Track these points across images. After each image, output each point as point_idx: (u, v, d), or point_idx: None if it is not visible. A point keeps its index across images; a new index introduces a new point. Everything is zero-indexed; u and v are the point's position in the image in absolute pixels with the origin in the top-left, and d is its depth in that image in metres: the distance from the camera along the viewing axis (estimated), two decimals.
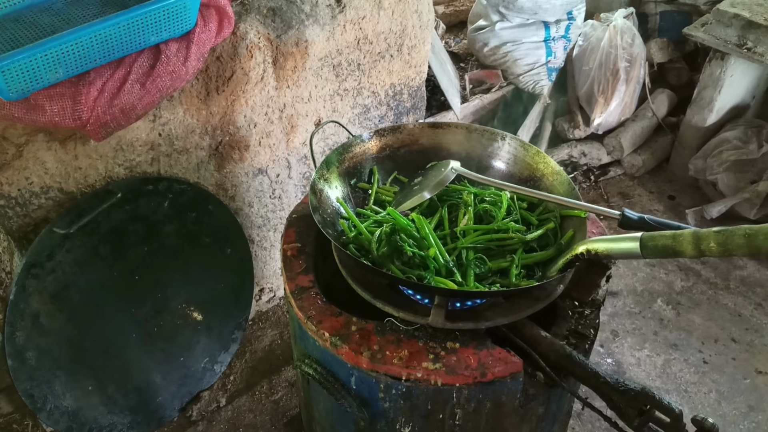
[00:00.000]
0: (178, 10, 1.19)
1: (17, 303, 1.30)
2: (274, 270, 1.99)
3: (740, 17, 2.18)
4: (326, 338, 1.01)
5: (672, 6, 2.76)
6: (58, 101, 1.14)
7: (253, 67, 1.51)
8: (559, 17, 2.50)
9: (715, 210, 2.33)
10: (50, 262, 1.33)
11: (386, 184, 1.30)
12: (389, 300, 1.04)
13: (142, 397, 1.62)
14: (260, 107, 1.60)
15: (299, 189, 1.88)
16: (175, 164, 1.53)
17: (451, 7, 3.00)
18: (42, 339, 1.36)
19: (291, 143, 1.76)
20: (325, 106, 1.78)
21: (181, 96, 1.43)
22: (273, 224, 1.88)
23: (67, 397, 1.43)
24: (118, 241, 1.45)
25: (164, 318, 1.61)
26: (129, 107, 1.23)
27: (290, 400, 1.78)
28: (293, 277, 1.12)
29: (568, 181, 1.19)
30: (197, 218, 1.59)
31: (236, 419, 1.74)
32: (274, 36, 1.52)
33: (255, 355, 1.92)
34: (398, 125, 1.33)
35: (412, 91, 2.05)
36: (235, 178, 1.68)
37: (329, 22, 1.62)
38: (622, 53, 2.48)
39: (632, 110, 2.64)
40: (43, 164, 1.32)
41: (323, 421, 1.24)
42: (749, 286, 2.16)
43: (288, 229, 1.23)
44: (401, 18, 1.81)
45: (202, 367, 1.75)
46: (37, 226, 1.38)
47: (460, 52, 2.81)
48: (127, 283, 1.50)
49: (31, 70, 1.06)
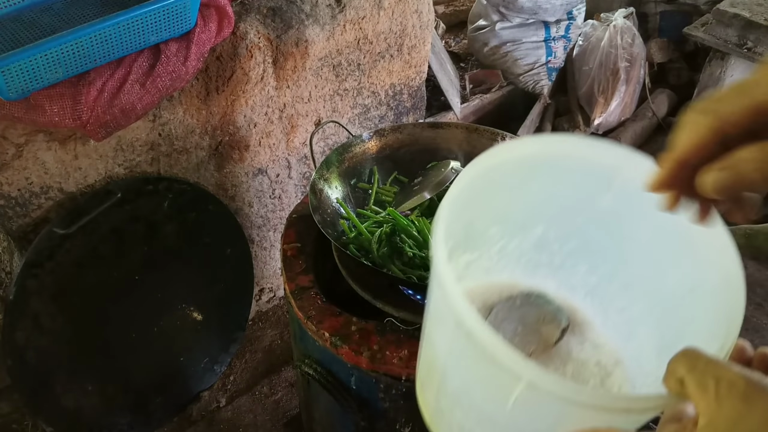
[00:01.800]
0: (178, 10, 1.19)
1: (17, 303, 1.30)
2: (274, 270, 1.99)
3: (740, 17, 2.18)
4: (326, 338, 1.01)
5: (672, 6, 2.77)
6: (58, 101, 1.14)
7: (253, 67, 1.51)
8: (559, 17, 2.50)
9: None
10: (50, 262, 1.33)
11: (386, 185, 1.30)
12: (389, 300, 1.04)
13: (142, 397, 1.62)
14: (260, 107, 1.60)
15: (299, 189, 1.88)
16: (175, 164, 1.53)
17: (451, 7, 3.00)
18: (42, 339, 1.36)
19: (291, 143, 1.76)
20: (325, 106, 1.78)
21: (181, 96, 1.43)
22: (273, 224, 1.88)
23: (67, 397, 1.43)
24: (118, 241, 1.45)
25: (164, 318, 1.61)
26: (129, 107, 1.23)
27: (290, 400, 1.78)
28: (293, 277, 1.12)
29: None
30: (197, 218, 1.59)
31: (236, 419, 1.74)
32: (274, 36, 1.52)
33: (255, 355, 1.92)
34: (398, 125, 1.33)
35: (412, 91, 2.05)
36: (235, 178, 1.68)
37: (329, 22, 1.62)
38: (622, 53, 2.48)
39: (632, 110, 2.64)
40: (43, 164, 1.32)
41: (323, 421, 1.24)
42: (749, 286, 2.15)
43: (288, 229, 1.23)
44: (401, 18, 1.81)
45: (202, 367, 1.75)
46: (37, 226, 1.38)
47: (460, 52, 2.82)
48: (127, 283, 1.50)
49: (31, 70, 1.06)
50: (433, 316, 0.51)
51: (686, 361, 0.39)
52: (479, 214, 0.56)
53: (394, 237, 1.08)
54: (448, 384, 0.52)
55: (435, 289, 0.48)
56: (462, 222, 0.54)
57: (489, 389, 0.47)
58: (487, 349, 0.40)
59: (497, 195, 0.57)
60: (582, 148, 0.54)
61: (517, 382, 0.40)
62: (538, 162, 0.55)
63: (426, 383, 0.57)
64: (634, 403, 0.40)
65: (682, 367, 0.39)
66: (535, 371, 0.39)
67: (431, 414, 0.57)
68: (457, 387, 0.51)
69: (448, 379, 0.51)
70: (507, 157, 0.53)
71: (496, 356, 0.40)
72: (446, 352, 0.49)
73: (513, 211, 0.60)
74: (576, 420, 0.43)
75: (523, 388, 0.41)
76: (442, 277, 0.43)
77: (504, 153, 0.53)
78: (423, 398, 0.58)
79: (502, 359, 0.40)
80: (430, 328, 0.53)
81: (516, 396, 0.42)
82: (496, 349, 0.40)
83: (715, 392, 0.37)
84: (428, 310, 0.53)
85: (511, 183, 0.57)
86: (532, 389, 0.40)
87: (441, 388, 0.53)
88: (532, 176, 0.55)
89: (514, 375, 0.40)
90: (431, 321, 0.52)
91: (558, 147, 0.54)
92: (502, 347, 0.39)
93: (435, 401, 0.55)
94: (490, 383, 0.46)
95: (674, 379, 0.39)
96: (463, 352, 0.46)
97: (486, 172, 0.52)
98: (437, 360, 0.52)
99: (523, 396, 0.42)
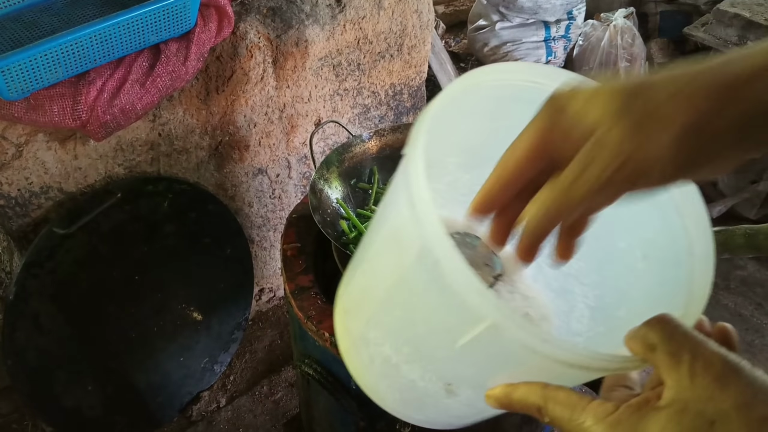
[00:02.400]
0: (178, 10, 1.19)
1: (17, 303, 1.30)
2: (274, 270, 1.98)
3: (740, 17, 2.18)
4: (326, 338, 1.01)
5: (672, 6, 2.77)
6: (58, 101, 1.14)
7: (253, 67, 1.51)
8: (559, 17, 2.50)
9: (715, 210, 2.33)
10: (50, 262, 1.33)
11: (386, 185, 1.30)
12: None
13: (142, 397, 1.62)
14: (260, 107, 1.60)
15: (299, 189, 1.88)
16: (175, 164, 1.53)
17: (451, 7, 3.00)
18: (42, 339, 1.36)
19: (291, 143, 1.76)
20: (325, 106, 1.78)
21: (181, 96, 1.43)
22: (273, 224, 1.88)
23: (67, 397, 1.43)
24: (118, 241, 1.45)
25: (164, 318, 1.61)
26: (129, 107, 1.23)
27: (290, 400, 1.78)
28: (293, 277, 1.12)
29: None
30: (197, 218, 1.59)
31: (236, 419, 1.74)
32: (274, 36, 1.52)
33: (255, 355, 1.92)
34: (398, 125, 1.33)
35: (412, 91, 2.05)
36: (235, 178, 1.68)
37: (329, 22, 1.62)
38: (622, 53, 2.48)
39: None
40: (42, 164, 1.32)
41: (323, 421, 1.24)
42: (749, 286, 2.16)
43: (288, 229, 1.23)
44: (401, 18, 1.81)
45: (201, 367, 1.75)
46: (37, 226, 1.38)
47: (460, 52, 2.82)
48: (127, 283, 1.50)
49: (31, 70, 1.06)
50: (385, 239, 0.46)
51: (663, 328, 0.37)
52: (443, 138, 0.49)
53: None
54: (386, 315, 0.48)
55: (400, 209, 0.41)
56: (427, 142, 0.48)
57: (440, 325, 0.43)
58: (457, 282, 0.36)
59: (467, 121, 0.51)
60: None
61: (479, 322, 0.37)
62: (521, 92, 0.48)
63: (353, 311, 0.53)
64: (596, 360, 0.37)
65: (657, 333, 0.37)
66: (506, 314, 0.36)
67: (351, 344, 0.53)
68: (397, 319, 0.47)
69: (387, 310, 0.47)
70: (494, 79, 0.48)
71: (465, 291, 0.36)
72: (395, 279, 0.44)
73: (476, 145, 0.54)
74: (527, 369, 0.41)
75: (484, 328, 0.37)
76: (417, 196, 0.37)
77: (494, 73, 0.48)
78: (344, 326, 0.54)
79: (472, 296, 0.35)
80: (375, 252, 0.48)
81: (472, 336, 0.38)
82: (468, 283, 0.35)
83: (689, 368, 0.35)
84: (378, 231, 0.48)
85: (485, 110, 0.50)
86: (494, 331, 0.37)
87: (374, 318, 0.49)
88: (509, 108, 0.48)
89: (479, 314, 0.36)
90: (380, 244, 0.47)
91: (547, 81, 0.48)
92: (475, 283, 0.35)
93: (361, 331, 0.51)
94: (443, 319, 0.42)
95: (643, 343, 0.37)
96: (419, 281, 0.42)
97: (468, 91, 0.47)
98: (377, 287, 0.47)
99: (481, 337, 0.38)
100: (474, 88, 0.47)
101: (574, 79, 0.46)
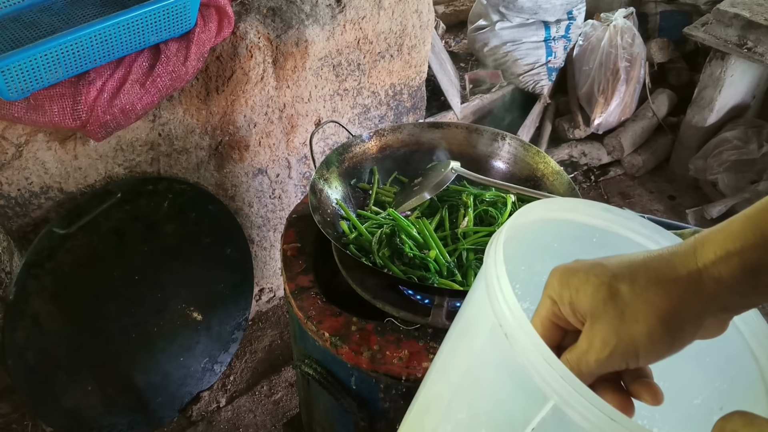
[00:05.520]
0: (178, 10, 1.19)
1: (17, 303, 1.30)
2: (274, 270, 1.98)
3: (740, 17, 2.18)
4: (326, 338, 1.01)
5: (672, 6, 2.77)
6: (58, 101, 1.14)
7: (253, 67, 1.51)
8: (559, 17, 2.50)
9: (715, 210, 2.33)
10: (50, 262, 1.33)
11: (386, 185, 1.30)
12: (389, 300, 1.04)
13: (142, 397, 1.62)
14: (260, 107, 1.60)
15: (299, 189, 1.88)
16: (175, 164, 1.53)
17: (451, 7, 3.00)
18: (42, 339, 1.36)
19: (291, 143, 1.76)
20: (325, 106, 1.78)
21: (181, 96, 1.43)
22: (273, 224, 1.88)
23: (67, 397, 1.43)
24: (118, 241, 1.45)
25: (164, 318, 1.61)
26: (129, 107, 1.23)
27: (290, 400, 1.78)
28: (293, 277, 1.12)
29: (569, 181, 1.19)
30: (197, 218, 1.59)
31: (236, 419, 1.74)
32: (274, 36, 1.51)
33: (255, 355, 1.92)
34: (398, 125, 1.33)
35: (412, 91, 2.05)
36: (235, 178, 1.68)
37: (329, 22, 1.62)
38: (622, 53, 2.48)
39: (632, 110, 2.64)
40: (42, 164, 1.32)
41: (323, 421, 1.24)
42: None
43: (288, 229, 1.23)
44: (401, 18, 1.81)
45: (202, 367, 1.75)
46: (37, 226, 1.38)
47: (460, 52, 2.81)
48: (127, 283, 1.50)
49: (31, 70, 1.06)
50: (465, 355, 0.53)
51: (742, 418, 0.40)
52: (518, 251, 0.58)
53: (395, 238, 1.08)
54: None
55: (482, 311, 0.48)
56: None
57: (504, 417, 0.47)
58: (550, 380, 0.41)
59: (535, 245, 0.59)
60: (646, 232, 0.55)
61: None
62: (585, 233, 0.56)
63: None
64: None
65: (737, 422, 0.40)
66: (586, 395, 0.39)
67: None
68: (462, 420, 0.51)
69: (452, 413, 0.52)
70: (561, 218, 0.57)
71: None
72: (463, 382, 0.51)
73: (539, 262, 0.61)
74: None
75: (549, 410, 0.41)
76: (508, 304, 0.44)
77: (561, 213, 0.57)
78: None
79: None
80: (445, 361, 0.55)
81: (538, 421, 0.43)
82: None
83: None
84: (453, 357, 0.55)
85: (548, 241, 0.59)
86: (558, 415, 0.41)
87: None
88: (570, 243, 0.57)
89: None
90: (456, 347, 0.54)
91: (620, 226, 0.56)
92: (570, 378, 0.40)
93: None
94: (509, 410, 0.47)
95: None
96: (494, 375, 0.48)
97: (541, 221, 0.56)
98: (443, 396, 0.52)
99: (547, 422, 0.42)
100: (546, 220, 0.56)
101: None
